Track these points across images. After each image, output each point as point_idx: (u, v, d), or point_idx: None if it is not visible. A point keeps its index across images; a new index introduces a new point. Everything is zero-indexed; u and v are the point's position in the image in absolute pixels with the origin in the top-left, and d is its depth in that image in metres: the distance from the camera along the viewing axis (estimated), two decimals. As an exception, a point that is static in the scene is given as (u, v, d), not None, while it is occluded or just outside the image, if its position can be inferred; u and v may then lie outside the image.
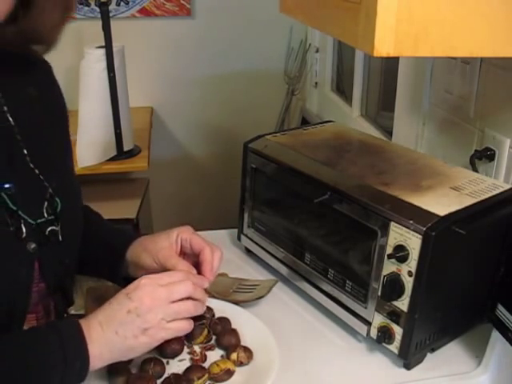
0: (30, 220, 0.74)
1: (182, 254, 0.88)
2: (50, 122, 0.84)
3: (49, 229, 0.77)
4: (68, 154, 0.90)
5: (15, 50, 0.73)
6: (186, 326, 0.75)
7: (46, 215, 0.77)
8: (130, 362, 0.81)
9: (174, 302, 0.73)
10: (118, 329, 0.69)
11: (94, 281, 1.05)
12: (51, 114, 0.85)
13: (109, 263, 0.91)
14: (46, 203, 0.77)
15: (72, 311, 0.93)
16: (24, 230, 0.73)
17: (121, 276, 0.90)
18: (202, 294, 0.77)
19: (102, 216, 1.01)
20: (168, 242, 0.86)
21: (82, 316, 0.76)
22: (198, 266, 0.84)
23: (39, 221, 0.76)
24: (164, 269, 0.83)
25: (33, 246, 0.74)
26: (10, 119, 0.75)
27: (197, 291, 0.76)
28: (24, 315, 0.76)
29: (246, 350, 0.83)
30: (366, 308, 0.89)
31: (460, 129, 1.13)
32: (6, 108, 0.74)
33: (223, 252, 0.87)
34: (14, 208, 0.72)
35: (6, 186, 0.71)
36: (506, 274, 0.82)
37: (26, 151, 0.76)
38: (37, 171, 0.77)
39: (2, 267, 0.70)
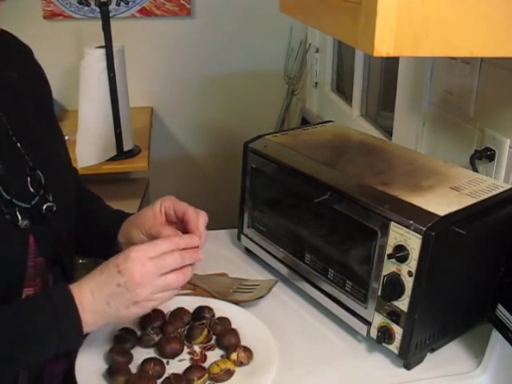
0: (24, 205, 0.77)
1: (169, 223, 0.88)
2: (31, 101, 0.86)
3: (45, 206, 0.80)
4: (54, 132, 0.92)
5: None
6: (173, 294, 0.76)
7: (32, 190, 0.79)
8: (129, 361, 0.81)
9: (163, 274, 0.73)
10: (109, 300, 0.71)
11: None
12: (33, 94, 0.87)
13: (103, 245, 0.93)
14: (28, 178, 0.79)
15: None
16: (20, 216, 0.76)
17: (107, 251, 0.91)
18: (190, 257, 0.76)
19: (103, 200, 1.03)
20: (152, 213, 0.88)
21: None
22: (185, 232, 0.84)
23: (33, 202, 0.78)
24: (151, 238, 0.83)
25: (24, 223, 0.76)
26: None
27: (185, 258, 0.75)
28: (21, 289, 0.78)
29: (246, 350, 0.83)
30: (366, 308, 0.89)
31: (460, 129, 1.13)
32: None
33: (221, 249, 0.87)
34: (8, 197, 0.75)
35: None
36: (506, 274, 0.82)
37: (8, 126, 0.78)
38: (18, 145, 0.79)
39: None
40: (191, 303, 0.93)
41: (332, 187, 0.92)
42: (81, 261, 1.06)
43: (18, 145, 0.80)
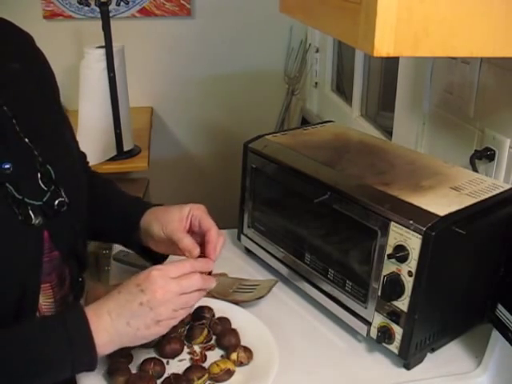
0: (36, 203, 0.76)
1: (190, 231, 0.88)
2: (36, 92, 0.85)
3: (56, 201, 0.79)
4: (60, 119, 0.91)
5: None
6: (190, 311, 0.77)
7: (42, 186, 0.78)
8: (130, 361, 0.81)
9: (183, 293, 0.73)
10: (129, 320, 0.70)
11: (94, 280, 1.05)
12: (37, 84, 0.86)
13: (123, 231, 0.92)
14: (39, 174, 0.78)
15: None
16: (33, 216, 0.74)
17: (135, 243, 0.92)
18: (208, 281, 0.77)
19: (116, 183, 1.02)
20: (179, 216, 0.86)
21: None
22: (201, 245, 0.85)
23: (45, 199, 0.77)
24: (170, 240, 0.84)
25: (38, 220, 0.75)
26: None
27: (205, 282, 0.76)
28: (38, 285, 0.77)
29: (246, 350, 0.83)
30: (366, 308, 0.88)
31: (460, 129, 1.13)
32: None
33: (223, 252, 0.87)
34: (20, 197, 0.73)
35: (6, 166, 0.73)
36: (506, 274, 0.82)
37: (14, 121, 0.77)
38: (26, 140, 0.78)
39: (9, 244, 0.72)
40: (191, 303, 0.93)
41: (332, 187, 0.92)
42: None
43: (26, 140, 0.78)
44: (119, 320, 0.69)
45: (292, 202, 1.04)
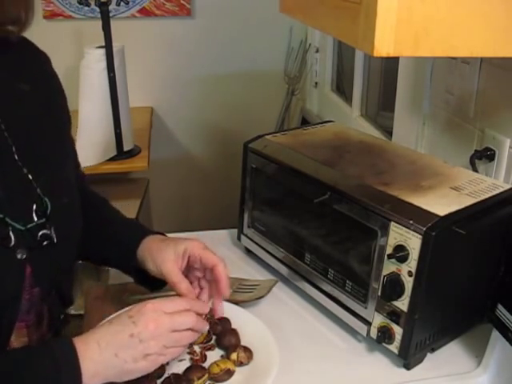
0: (18, 226, 0.72)
1: (189, 267, 0.87)
2: (43, 117, 0.81)
3: (40, 233, 0.75)
4: (65, 149, 0.86)
5: None
6: (181, 351, 0.75)
7: (35, 218, 0.74)
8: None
9: (175, 330, 0.72)
10: (118, 351, 0.68)
11: (94, 280, 1.04)
12: (45, 109, 0.82)
13: (120, 260, 0.90)
14: (34, 206, 0.74)
15: (72, 311, 0.93)
16: (12, 237, 0.70)
17: (133, 270, 0.90)
18: (202, 324, 0.76)
19: (108, 202, 0.99)
20: (174, 255, 0.84)
21: (81, 316, 0.75)
22: (210, 281, 0.85)
23: (29, 226, 0.73)
24: (164, 277, 0.84)
25: (23, 254, 0.71)
26: None
27: (198, 323, 0.75)
28: (12, 324, 0.74)
29: (246, 350, 0.83)
30: (366, 308, 0.88)
31: (460, 129, 1.13)
32: None
33: (223, 252, 0.87)
34: (1, 215, 0.70)
35: None
36: (505, 273, 0.82)
37: (14, 149, 0.73)
38: (25, 170, 0.74)
39: None
40: (191, 303, 0.93)
41: (332, 187, 0.92)
42: (80, 261, 1.06)
43: (24, 170, 0.74)
44: (107, 350, 0.67)
45: (292, 202, 1.04)
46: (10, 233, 0.70)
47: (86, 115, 1.83)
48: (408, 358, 0.84)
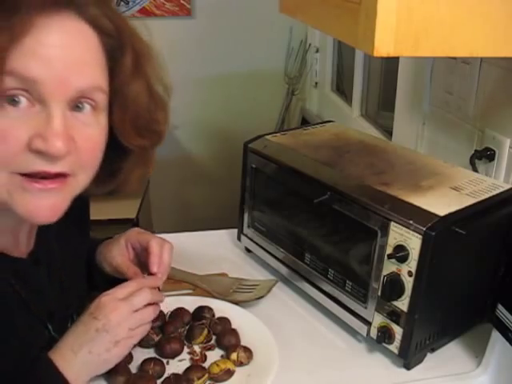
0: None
1: (136, 255, 0.90)
2: (78, 235, 0.88)
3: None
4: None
5: None
6: (148, 327, 0.78)
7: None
8: (129, 361, 0.81)
9: (136, 310, 0.75)
10: (90, 348, 0.71)
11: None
12: (79, 223, 0.87)
13: (92, 278, 0.93)
14: (69, 322, 0.79)
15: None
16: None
17: (101, 282, 0.92)
18: (158, 295, 0.80)
19: None
20: (118, 250, 0.89)
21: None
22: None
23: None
24: (120, 273, 0.87)
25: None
26: (55, 245, 0.80)
27: (154, 295, 0.78)
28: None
29: (246, 350, 0.83)
30: (365, 308, 0.88)
31: (460, 129, 1.13)
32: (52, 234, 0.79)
33: (223, 252, 0.87)
34: (56, 336, 0.75)
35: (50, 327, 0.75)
36: (506, 273, 0.82)
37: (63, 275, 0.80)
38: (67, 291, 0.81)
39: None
40: (191, 303, 0.93)
41: (332, 187, 0.92)
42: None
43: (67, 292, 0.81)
44: (81, 351, 0.71)
45: (292, 202, 1.04)
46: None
47: (86, 115, 1.83)
48: (408, 357, 0.84)
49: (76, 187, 0.66)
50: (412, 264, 0.79)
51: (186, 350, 0.85)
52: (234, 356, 0.82)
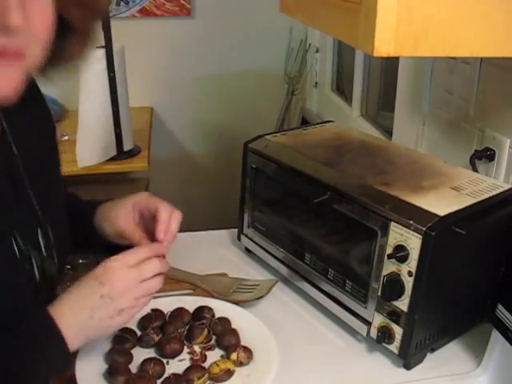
0: (38, 263, 0.75)
1: (143, 221, 0.88)
2: (43, 145, 0.84)
3: (52, 269, 0.78)
4: (58, 170, 0.89)
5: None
6: (151, 299, 0.76)
7: (42, 245, 0.77)
8: (129, 361, 0.81)
9: (144, 280, 0.74)
10: (92, 313, 0.70)
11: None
12: (38, 126, 0.84)
13: (82, 235, 0.91)
14: (39, 230, 0.77)
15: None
16: (37, 275, 0.74)
17: (97, 243, 0.90)
18: (165, 265, 0.77)
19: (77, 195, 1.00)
20: (124, 212, 0.87)
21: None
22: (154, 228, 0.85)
23: (43, 264, 0.77)
24: (123, 237, 0.85)
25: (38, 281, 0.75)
26: (15, 149, 0.75)
27: (162, 266, 0.76)
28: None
29: (246, 350, 0.83)
30: (366, 308, 0.89)
31: (460, 129, 1.13)
32: (11, 138, 0.75)
33: (221, 249, 0.87)
34: (27, 251, 0.73)
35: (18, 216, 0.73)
36: (506, 273, 0.82)
37: (26, 181, 0.76)
38: (34, 200, 0.77)
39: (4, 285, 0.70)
40: (191, 303, 0.93)
41: (332, 187, 0.92)
42: (81, 260, 1.06)
43: (33, 201, 0.77)
44: (82, 313, 0.70)
45: (292, 202, 1.04)
46: (36, 271, 0.74)
47: (86, 115, 1.83)
48: (408, 357, 0.84)
49: (31, 63, 0.65)
50: (412, 264, 0.79)
51: (185, 350, 0.85)
52: (234, 356, 0.82)
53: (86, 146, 1.83)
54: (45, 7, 0.64)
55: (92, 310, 0.70)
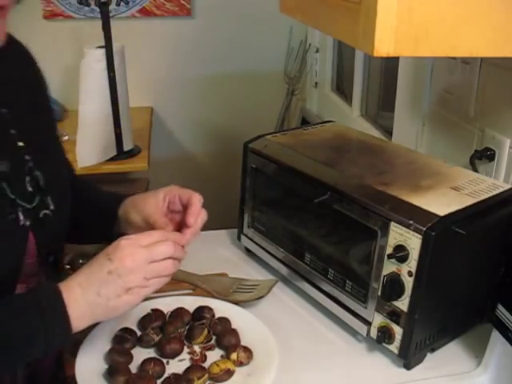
0: (26, 205, 0.75)
1: (171, 211, 0.88)
2: (32, 100, 0.85)
3: (42, 213, 0.78)
4: (51, 125, 0.91)
5: None
6: (166, 281, 0.75)
7: (30, 189, 0.77)
8: (129, 361, 0.81)
9: (154, 261, 0.73)
10: (99, 290, 0.69)
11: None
12: (31, 87, 0.86)
13: (103, 224, 0.92)
14: (27, 178, 0.78)
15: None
16: (22, 217, 0.74)
17: (116, 235, 0.90)
18: (181, 252, 0.77)
19: (96, 185, 1.02)
20: (154, 201, 0.87)
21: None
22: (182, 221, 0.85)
23: (34, 204, 0.77)
24: (147, 224, 0.85)
25: (26, 222, 0.75)
26: None
27: (177, 251, 0.75)
28: (15, 285, 0.76)
29: (246, 350, 0.83)
30: (366, 308, 0.89)
31: (460, 129, 1.13)
32: None
33: (223, 252, 0.87)
34: (13, 197, 0.73)
35: (3, 165, 0.73)
36: (506, 273, 0.82)
37: (12, 129, 0.77)
38: (20, 143, 0.78)
39: None
40: (191, 303, 0.93)
41: (332, 187, 0.92)
42: (81, 261, 1.06)
43: (20, 143, 0.78)
44: (89, 289, 0.69)
45: (292, 202, 1.04)
46: (20, 213, 0.74)
47: (86, 115, 1.83)
48: (408, 357, 0.84)
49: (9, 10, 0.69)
50: (412, 264, 0.79)
51: (186, 349, 0.85)
52: (233, 356, 0.82)
53: (86, 145, 1.83)
54: None
55: (99, 286, 0.69)
